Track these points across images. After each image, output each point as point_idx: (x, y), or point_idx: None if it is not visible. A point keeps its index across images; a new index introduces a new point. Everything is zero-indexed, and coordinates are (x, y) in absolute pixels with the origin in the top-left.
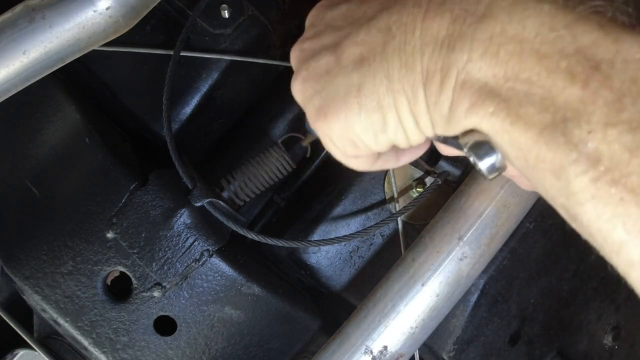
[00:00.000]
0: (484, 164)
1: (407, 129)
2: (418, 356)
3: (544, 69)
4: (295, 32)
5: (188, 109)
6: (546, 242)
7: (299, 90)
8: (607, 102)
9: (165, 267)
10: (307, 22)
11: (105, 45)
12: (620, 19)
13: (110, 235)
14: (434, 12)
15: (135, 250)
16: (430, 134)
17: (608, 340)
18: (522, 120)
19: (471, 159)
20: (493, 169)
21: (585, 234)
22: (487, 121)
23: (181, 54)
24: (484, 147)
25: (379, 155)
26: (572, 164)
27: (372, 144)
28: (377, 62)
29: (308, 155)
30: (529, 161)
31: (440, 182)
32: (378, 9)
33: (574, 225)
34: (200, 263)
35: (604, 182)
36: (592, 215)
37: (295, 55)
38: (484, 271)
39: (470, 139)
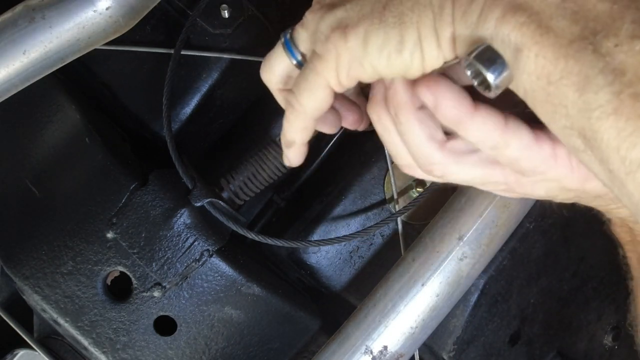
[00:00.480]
0: (490, 72)
1: (425, 49)
2: (418, 356)
3: None
4: None
5: (188, 109)
6: (546, 242)
7: (319, 11)
8: (635, 18)
9: (165, 267)
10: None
11: (105, 45)
12: None
13: (110, 235)
14: None
15: (135, 250)
16: (448, 53)
17: (608, 340)
18: (552, 32)
19: (475, 70)
20: (499, 76)
21: (600, 159)
22: (517, 31)
23: (181, 53)
24: (489, 53)
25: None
26: (598, 75)
27: (383, 65)
28: None
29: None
30: (553, 76)
31: (440, 183)
32: None
33: (589, 153)
34: (200, 263)
35: (628, 94)
36: (612, 133)
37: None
38: (484, 271)
39: (476, 48)
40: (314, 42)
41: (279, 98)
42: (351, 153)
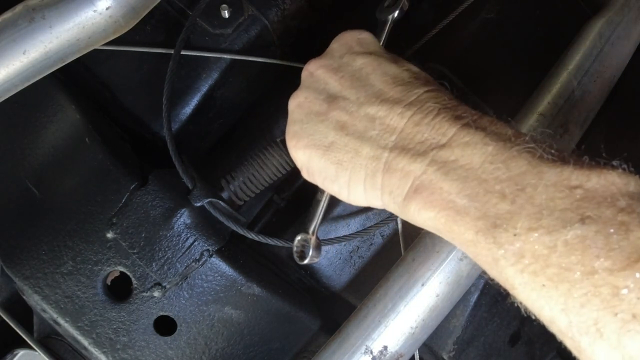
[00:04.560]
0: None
1: (352, 191)
2: (418, 356)
3: (482, 189)
4: (295, 32)
5: (188, 109)
6: None
7: (293, 105)
8: (530, 213)
9: (165, 267)
10: (333, 45)
11: (105, 45)
12: (545, 157)
13: (110, 235)
14: (410, 127)
15: (135, 250)
16: (377, 206)
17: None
18: (461, 223)
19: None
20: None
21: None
22: (432, 221)
23: (181, 53)
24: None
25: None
26: (501, 258)
27: (320, 183)
28: (352, 137)
29: None
30: (470, 253)
31: None
32: (374, 96)
33: (517, 301)
34: (200, 263)
35: (528, 272)
36: (523, 297)
37: (307, 73)
38: (484, 271)
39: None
40: None
41: None
42: None
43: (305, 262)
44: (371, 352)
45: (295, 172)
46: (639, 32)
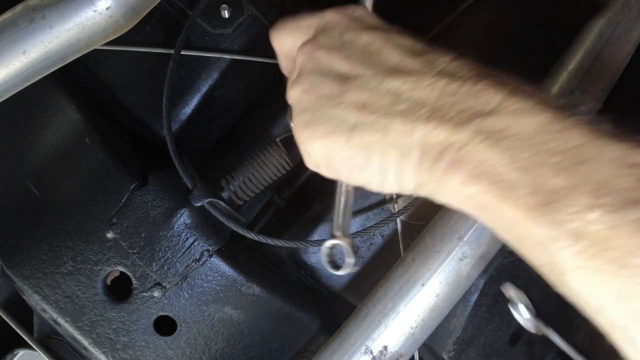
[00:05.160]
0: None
1: (385, 177)
2: (418, 356)
3: (535, 161)
4: None
5: (188, 109)
6: None
7: (296, 96)
8: (590, 190)
9: (165, 267)
10: (328, 19)
11: (105, 45)
12: (602, 131)
13: (110, 235)
14: (447, 97)
15: (135, 250)
16: (409, 189)
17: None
18: (511, 199)
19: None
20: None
21: (570, 297)
22: (477, 197)
23: (181, 53)
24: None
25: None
26: (556, 240)
27: (345, 174)
28: (378, 114)
29: None
30: (514, 234)
31: None
32: (394, 68)
33: (560, 289)
34: (200, 263)
35: (586, 255)
36: (574, 283)
37: (304, 56)
38: (484, 271)
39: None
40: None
41: None
42: None
43: (342, 271)
44: (371, 352)
45: (295, 172)
46: (639, 32)
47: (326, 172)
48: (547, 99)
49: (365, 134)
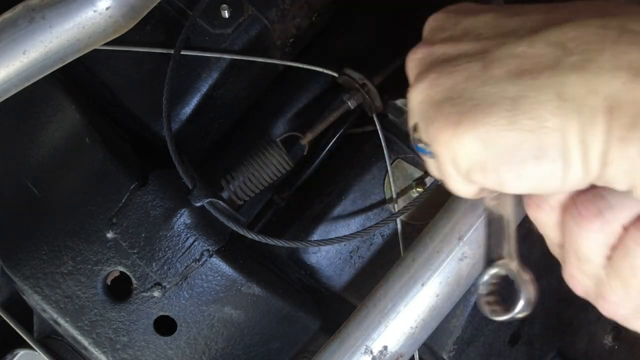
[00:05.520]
0: None
1: (571, 160)
2: (418, 356)
3: None
4: (295, 32)
5: (188, 109)
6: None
7: (421, 94)
8: None
9: (165, 267)
10: (433, 25)
11: (105, 45)
12: None
13: (110, 235)
14: (630, 38)
15: (135, 250)
16: (594, 173)
17: (608, 340)
18: None
19: None
20: None
21: None
22: None
23: (181, 53)
24: None
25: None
26: None
27: (512, 176)
28: (545, 76)
29: (305, 153)
30: None
31: (440, 182)
32: (544, 23)
33: None
34: (200, 263)
35: None
36: None
37: (418, 58)
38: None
39: None
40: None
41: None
42: (351, 153)
43: (514, 314)
44: (371, 352)
45: (295, 172)
46: None
47: (482, 180)
48: None
49: (535, 106)
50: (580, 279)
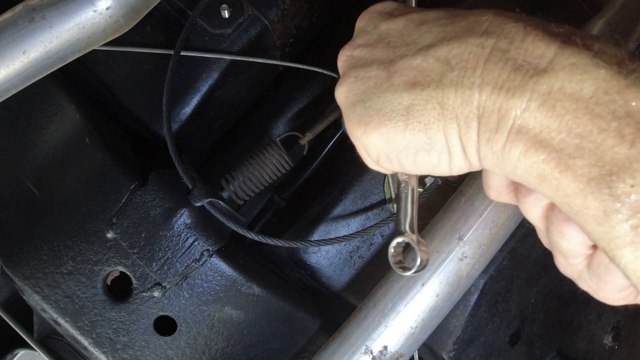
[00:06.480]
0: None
1: (453, 153)
2: (418, 356)
3: (595, 127)
4: (295, 32)
5: (188, 109)
6: None
7: (343, 94)
8: None
9: (165, 267)
10: (359, 25)
11: (105, 45)
12: None
13: (110, 235)
14: (498, 57)
15: (135, 250)
16: (474, 164)
17: (608, 340)
18: (570, 171)
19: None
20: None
21: (623, 273)
22: (537, 167)
23: (181, 53)
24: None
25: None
26: (615, 213)
27: (409, 163)
28: (431, 88)
29: (305, 153)
30: (573, 207)
31: (440, 182)
32: (437, 39)
33: (616, 264)
34: (200, 263)
35: None
36: (629, 258)
37: (344, 59)
38: (484, 271)
39: None
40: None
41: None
42: (351, 153)
43: (414, 271)
44: (371, 352)
45: (295, 172)
46: (639, 32)
47: (388, 165)
48: (609, 49)
49: (422, 114)
50: (545, 241)
